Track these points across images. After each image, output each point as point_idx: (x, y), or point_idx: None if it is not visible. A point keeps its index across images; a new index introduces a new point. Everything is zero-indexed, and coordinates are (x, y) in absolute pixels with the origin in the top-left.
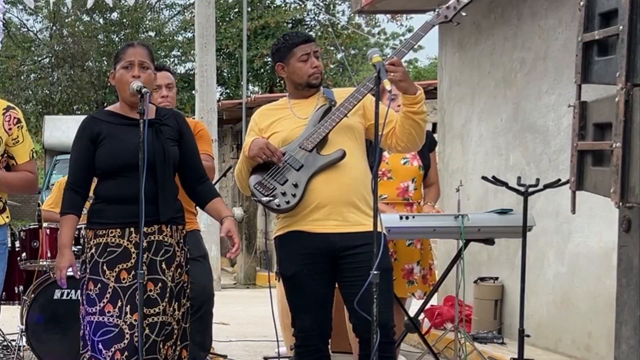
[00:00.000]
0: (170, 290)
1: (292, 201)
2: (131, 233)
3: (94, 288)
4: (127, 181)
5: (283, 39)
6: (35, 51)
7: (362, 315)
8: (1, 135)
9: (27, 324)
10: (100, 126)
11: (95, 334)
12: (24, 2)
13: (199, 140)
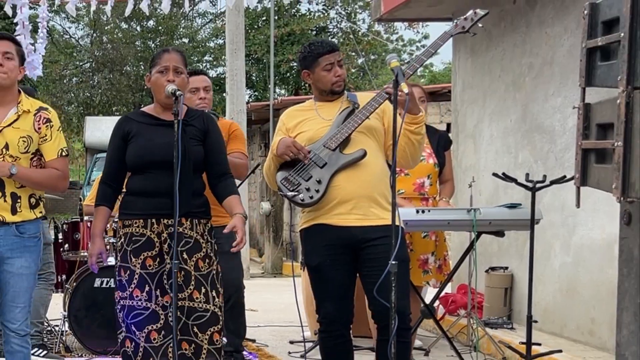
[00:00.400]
0: (196, 278)
1: (315, 196)
2: (153, 224)
3: (124, 274)
4: (153, 176)
5: (309, 47)
6: (77, 56)
7: (380, 302)
8: (31, 135)
9: (70, 311)
10: (132, 125)
11: (128, 317)
12: (66, 10)
13: (234, 140)
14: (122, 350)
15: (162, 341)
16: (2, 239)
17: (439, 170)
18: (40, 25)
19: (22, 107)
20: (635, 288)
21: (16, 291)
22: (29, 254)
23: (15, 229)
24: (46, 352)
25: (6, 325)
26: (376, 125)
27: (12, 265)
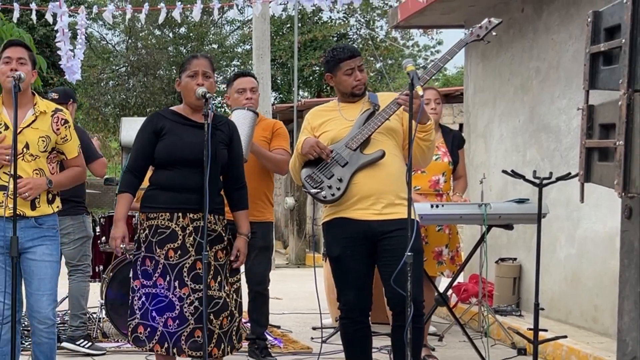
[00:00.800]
0: (214, 268)
1: (337, 194)
2: (179, 217)
3: (149, 264)
4: (179, 173)
5: (331, 53)
6: (113, 61)
7: (396, 291)
8: (49, 135)
9: (106, 299)
10: (164, 122)
11: (151, 303)
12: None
13: (277, 137)
14: (134, 336)
15: (177, 329)
16: (22, 231)
17: (452, 167)
18: (79, 32)
19: (39, 108)
20: (635, 278)
21: (41, 278)
22: (49, 242)
23: (35, 221)
24: (91, 343)
25: (34, 315)
26: (395, 126)
27: (34, 253)
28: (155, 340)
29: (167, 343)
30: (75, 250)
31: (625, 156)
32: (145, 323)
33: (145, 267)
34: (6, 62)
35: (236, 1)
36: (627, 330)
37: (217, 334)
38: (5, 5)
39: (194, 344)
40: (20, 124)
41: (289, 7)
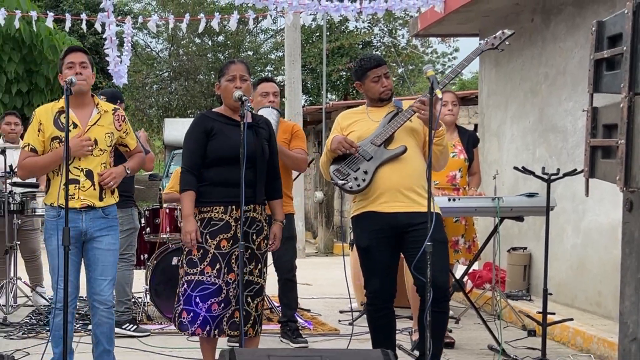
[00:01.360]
0: (256, 256)
1: (362, 185)
2: (232, 210)
3: (197, 253)
4: (230, 169)
5: (359, 63)
6: (157, 67)
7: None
8: (113, 131)
9: (150, 285)
10: (213, 124)
11: (194, 290)
12: (148, 27)
13: (295, 138)
14: (179, 321)
15: (221, 312)
16: (92, 221)
17: (468, 164)
18: (125, 40)
19: (102, 108)
20: (635, 265)
21: (105, 265)
22: (113, 232)
23: (102, 212)
24: (136, 326)
25: (95, 298)
26: (416, 127)
27: (100, 242)
28: (197, 324)
29: (209, 326)
30: (123, 240)
31: (626, 154)
32: (188, 308)
33: (191, 257)
34: (70, 67)
35: (270, 12)
36: (628, 313)
37: (253, 317)
38: (58, 15)
39: (234, 324)
40: (87, 122)
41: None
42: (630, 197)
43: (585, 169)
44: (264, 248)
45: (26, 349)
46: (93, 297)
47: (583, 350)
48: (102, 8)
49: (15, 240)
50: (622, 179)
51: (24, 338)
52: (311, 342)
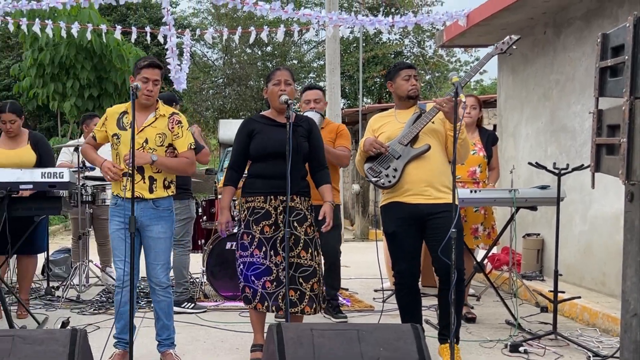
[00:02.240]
0: (304, 241)
1: (393, 181)
2: (271, 200)
3: (246, 238)
4: (270, 164)
5: (394, 65)
6: (213, 74)
7: (442, 260)
8: (165, 133)
9: (207, 267)
10: (255, 125)
11: (248, 270)
12: (204, 39)
13: (340, 137)
14: (243, 295)
15: (274, 289)
16: (142, 211)
17: (487, 160)
18: (184, 50)
19: (160, 112)
20: (636, 250)
21: (157, 252)
22: (164, 222)
23: (152, 203)
24: (193, 304)
25: (152, 280)
26: (438, 128)
27: (151, 231)
28: (257, 299)
29: (267, 302)
30: (180, 228)
31: (628, 151)
32: (248, 285)
33: (243, 241)
34: (144, 81)
35: (312, 25)
36: (629, 292)
37: (309, 295)
38: (125, 28)
39: (289, 302)
40: (142, 123)
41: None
42: (631, 189)
43: (592, 164)
44: (311, 234)
45: (97, 323)
46: (150, 279)
47: (589, 324)
48: (164, 22)
49: (88, 227)
50: (624, 173)
51: (94, 314)
52: (349, 317)
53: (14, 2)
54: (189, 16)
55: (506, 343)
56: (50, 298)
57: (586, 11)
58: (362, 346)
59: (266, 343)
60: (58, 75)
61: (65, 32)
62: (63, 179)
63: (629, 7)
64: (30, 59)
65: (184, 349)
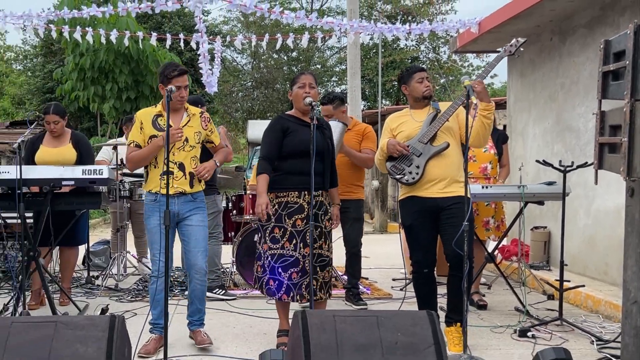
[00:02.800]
0: (325, 234)
1: (416, 177)
2: (305, 195)
3: (278, 232)
4: (302, 161)
5: (406, 69)
6: (242, 78)
7: (453, 249)
8: (200, 130)
9: (236, 257)
10: (288, 123)
11: (277, 262)
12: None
13: (366, 139)
14: (267, 288)
15: (299, 280)
16: (183, 204)
17: (497, 158)
18: (215, 56)
19: (190, 112)
20: (636, 242)
21: (197, 239)
22: (201, 212)
23: (191, 197)
24: (224, 291)
25: (191, 266)
26: (453, 126)
27: (191, 220)
28: (282, 291)
29: (292, 292)
30: (210, 221)
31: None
32: (274, 277)
33: (274, 235)
34: (178, 87)
35: (335, 32)
36: (630, 280)
37: (321, 282)
38: (160, 35)
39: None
40: (179, 124)
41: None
42: (631, 185)
43: (595, 162)
44: (329, 227)
45: (134, 310)
46: (189, 266)
47: (593, 311)
48: (196, 29)
49: (125, 220)
50: (625, 170)
51: (132, 301)
52: (369, 304)
53: (56, 11)
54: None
55: (515, 328)
56: (90, 287)
57: (590, 19)
58: (381, 331)
59: (291, 329)
60: (98, 78)
61: (104, 38)
62: (102, 175)
63: (630, 16)
64: (72, 64)
65: (215, 333)
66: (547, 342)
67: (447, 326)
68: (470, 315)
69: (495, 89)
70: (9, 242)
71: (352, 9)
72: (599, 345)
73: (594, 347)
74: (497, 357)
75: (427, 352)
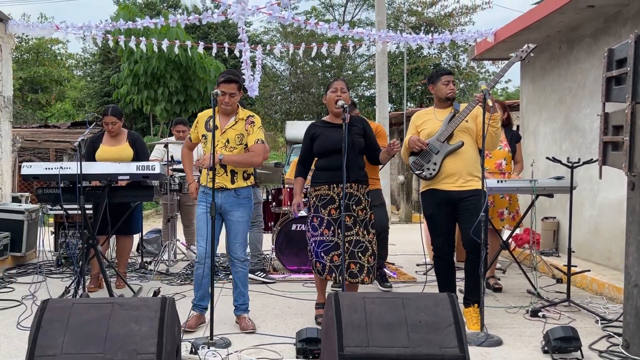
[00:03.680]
0: (360, 221)
1: (433, 173)
2: (334, 187)
3: (316, 221)
4: (330, 159)
5: (435, 70)
6: (280, 83)
7: (470, 237)
8: (243, 133)
9: (276, 244)
10: (316, 130)
11: (318, 247)
12: (273, 53)
13: (379, 137)
14: (316, 269)
15: (340, 262)
16: (225, 199)
17: (511, 155)
18: (257, 63)
19: (239, 116)
20: (636, 230)
21: (236, 232)
22: (242, 208)
23: (234, 192)
24: (265, 274)
25: (232, 255)
26: (470, 126)
27: (232, 215)
28: (326, 272)
29: (334, 273)
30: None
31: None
32: (318, 260)
33: (313, 223)
34: (223, 93)
35: (364, 42)
36: (631, 266)
37: (367, 268)
38: (207, 44)
39: (351, 274)
40: (224, 126)
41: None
42: (632, 179)
43: (599, 159)
44: (363, 216)
45: (183, 292)
46: (231, 254)
47: (597, 293)
48: (239, 39)
49: (175, 211)
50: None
51: (181, 285)
52: (395, 287)
53: (113, 22)
54: (261, 34)
55: (527, 309)
56: (143, 271)
57: (594, 30)
58: (406, 311)
59: (325, 309)
60: (150, 83)
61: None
62: (155, 171)
63: (631, 27)
64: (127, 70)
65: (256, 313)
66: (556, 321)
67: (466, 307)
68: (487, 297)
69: (509, 93)
70: (70, 231)
71: (380, 20)
72: (603, 324)
73: (598, 325)
74: (511, 335)
75: (448, 330)
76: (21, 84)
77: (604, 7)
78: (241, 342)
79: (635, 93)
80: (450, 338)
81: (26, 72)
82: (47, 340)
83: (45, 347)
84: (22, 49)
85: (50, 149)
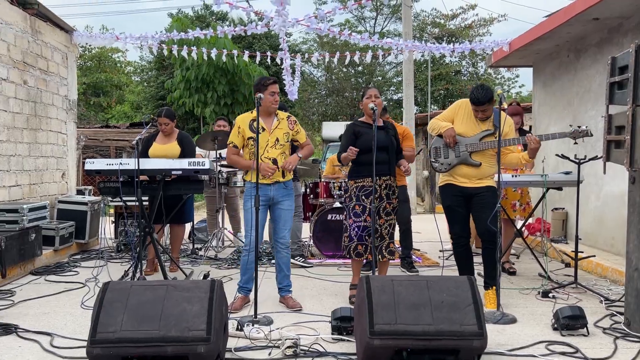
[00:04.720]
0: (393, 209)
1: (443, 170)
2: (377, 180)
3: (358, 208)
4: (370, 155)
5: (473, 94)
6: (317, 87)
7: (482, 225)
8: (288, 132)
9: (313, 233)
10: (358, 128)
11: (362, 231)
12: (311, 61)
13: (406, 139)
14: (356, 252)
15: (379, 243)
16: (277, 191)
17: None
18: (296, 69)
19: (280, 116)
20: (637, 220)
21: (285, 220)
22: (290, 198)
23: (284, 184)
24: (303, 259)
25: (279, 241)
26: (493, 153)
27: (282, 204)
28: (368, 251)
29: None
30: None
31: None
32: (361, 243)
33: (356, 211)
34: (271, 94)
35: (393, 50)
36: (632, 252)
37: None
38: (251, 53)
39: (389, 252)
40: (271, 127)
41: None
42: (633, 174)
43: (603, 155)
44: (395, 204)
45: (230, 275)
46: (277, 240)
47: (602, 276)
48: (280, 48)
49: (222, 202)
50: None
51: (228, 269)
52: (420, 271)
53: (167, 33)
54: (300, 43)
55: (539, 290)
56: (194, 256)
57: (599, 40)
58: (430, 292)
59: (357, 290)
60: (201, 88)
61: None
62: (204, 166)
63: (632, 37)
64: (180, 76)
65: (296, 294)
66: (564, 301)
67: (485, 289)
68: (502, 280)
69: (522, 97)
70: (129, 220)
71: (406, 31)
72: (606, 304)
73: (602, 305)
74: (524, 313)
75: (468, 309)
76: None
77: (608, 20)
78: (282, 320)
79: (636, 97)
80: (470, 316)
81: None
82: (108, 319)
83: (107, 325)
84: (86, 57)
85: (111, 146)
